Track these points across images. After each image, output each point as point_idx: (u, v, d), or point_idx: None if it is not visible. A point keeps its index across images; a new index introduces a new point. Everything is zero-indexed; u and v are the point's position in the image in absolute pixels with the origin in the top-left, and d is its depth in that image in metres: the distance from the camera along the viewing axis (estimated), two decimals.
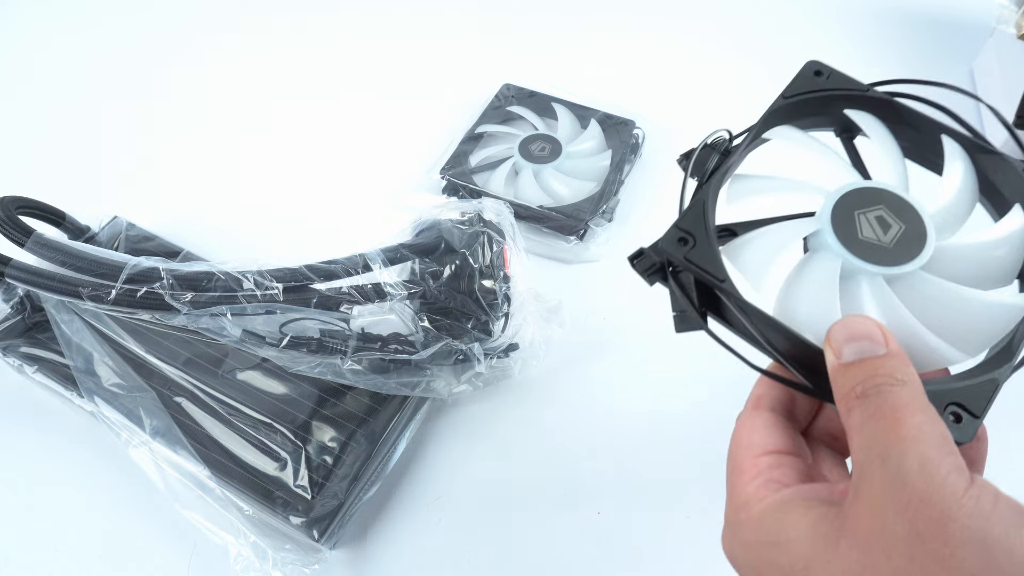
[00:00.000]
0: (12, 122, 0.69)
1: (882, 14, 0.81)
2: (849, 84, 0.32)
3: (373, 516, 0.44)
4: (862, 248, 0.27)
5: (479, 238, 0.45)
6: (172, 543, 0.42)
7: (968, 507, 0.19)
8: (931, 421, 0.21)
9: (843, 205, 0.28)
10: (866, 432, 0.21)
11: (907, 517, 0.20)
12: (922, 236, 0.27)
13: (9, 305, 0.48)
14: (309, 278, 0.42)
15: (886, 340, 0.23)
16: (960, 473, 0.20)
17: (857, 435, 0.22)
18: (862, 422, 0.22)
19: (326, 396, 0.45)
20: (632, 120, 0.64)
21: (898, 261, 0.26)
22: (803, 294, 0.27)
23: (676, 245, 0.28)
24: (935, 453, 0.20)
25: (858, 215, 0.28)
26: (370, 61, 0.75)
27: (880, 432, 0.21)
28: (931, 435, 0.21)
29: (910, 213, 0.27)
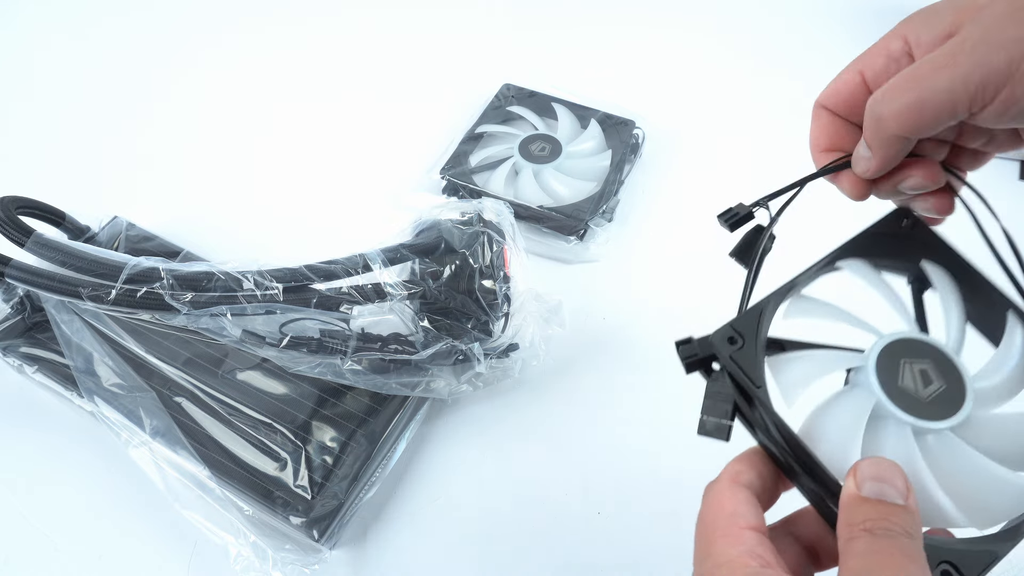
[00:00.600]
0: (12, 122, 0.69)
1: (882, 13, 0.81)
2: (933, 238, 0.32)
3: (373, 516, 0.44)
4: (898, 394, 0.27)
5: (479, 238, 0.45)
6: (172, 543, 0.42)
7: None
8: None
9: (892, 350, 0.28)
10: (867, 562, 0.22)
11: None
12: (960, 399, 0.27)
13: (9, 305, 0.48)
14: (309, 278, 0.42)
15: (908, 493, 0.24)
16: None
17: (855, 560, 0.23)
18: (865, 552, 0.23)
19: (326, 396, 0.45)
20: (632, 120, 0.64)
21: (931, 417, 0.27)
22: (831, 422, 0.28)
23: (725, 343, 0.28)
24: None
25: (903, 363, 0.28)
26: (370, 61, 0.75)
27: (880, 567, 0.22)
28: None
29: (954, 375, 0.28)
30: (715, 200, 0.33)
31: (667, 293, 0.55)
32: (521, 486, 0.45)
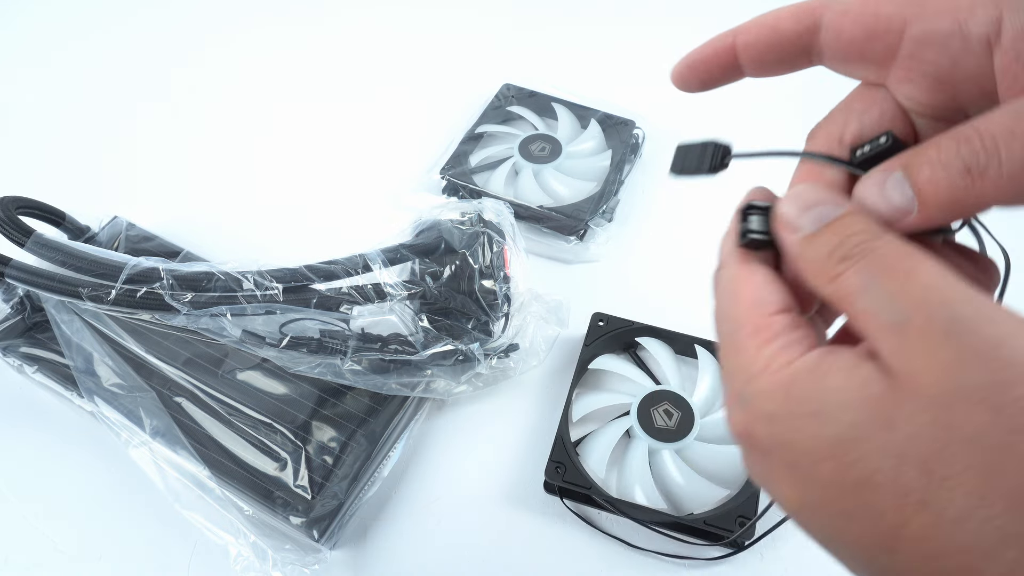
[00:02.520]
0: (12, 122, 0.69)
1: None
2: (622, 324, 0.50)
3: (373, 516, 0.44)
4: (658, 432, 0.45)
5: (479, 238, 0.45)
6: (172, 543, 0.42)
7: None
8: (936, 268, 0.19)
9: (643, 406, 0.46)
10: (877, 293, 0.19)
11: (989, 367, 0.17)
12: (692, 418, 0.45)
13: (9, 305, 0.48)
14: (309, 278, 0.42)
15: (841, 199, 0.21)
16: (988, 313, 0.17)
17: (864, 298, 0.19)
18: (864, 284, 0.19)
19: (326, 396, 0.45)
20: (632, 120, 0.64)
21: (680, 437, 0.45)
22: (631, 470, 0.44)
23: (555, 474, 0.43)
24: (971, 292, 0.18)
25: (653, 411, 0.46)
26: (370, 61, 0.75)
27: (898, 288, 0.18)
28: (951, 276, 0.18)
29: (684, 404, 0.46)
30: (715, 200, 0.33)
31: (667, 293, 0.55)
32: (521, 486, 0.45)
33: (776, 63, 0.24)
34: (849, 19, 0.22)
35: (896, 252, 0.19)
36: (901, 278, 0.18)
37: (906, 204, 0.20)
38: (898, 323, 0.18)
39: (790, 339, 0.20)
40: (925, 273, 0.18)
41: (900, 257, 0.19)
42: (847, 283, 0.19)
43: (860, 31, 0.22)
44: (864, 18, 0.22)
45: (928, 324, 0.18)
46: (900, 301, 0.18)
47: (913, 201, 0.20)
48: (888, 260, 0.19)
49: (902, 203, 0.20)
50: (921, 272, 0.18)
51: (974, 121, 0.19)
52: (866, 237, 0.20)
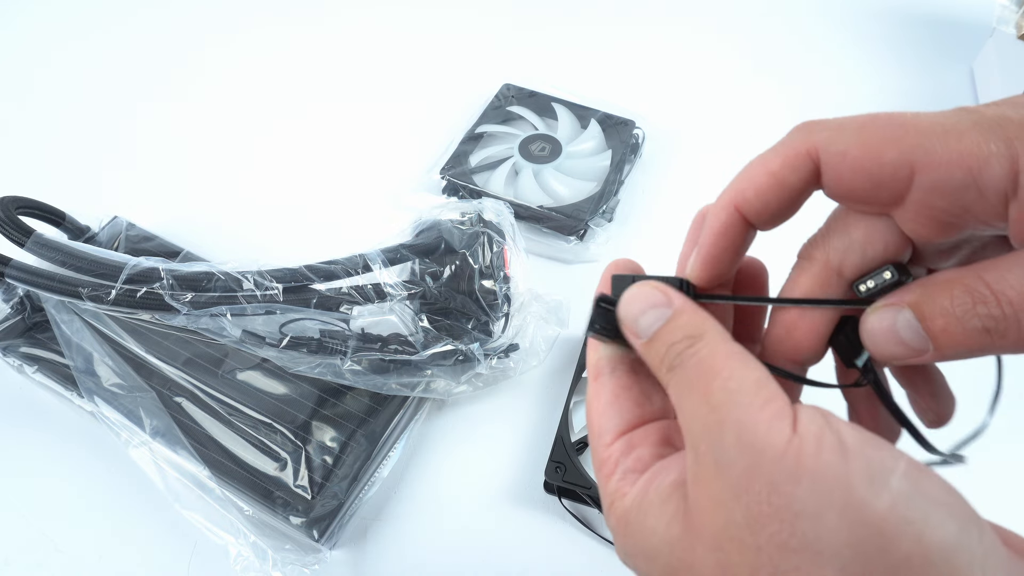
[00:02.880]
0: (12, 122, 0.69)
1: (882, 14, 0.81)
2: None
3: (373, 516, 0.44)
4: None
5: (479, 238, 0.45)
6: (172, 543, 0.42)
7: (789, 467, 0.17)
8: (737, 370, 0.19)
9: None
10: (684, 409, 0.20)
11: (742, 503, 0.18)
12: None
13: (9, 305, 0.48)
14: (309, 278, 0.42)
15: (669, 299, 0.22)
16: (779, 423, 0.18)
17: (679, 413, 0.20)
18: (678, 398, 0.20)
19: (326, 396, 0.45)
20: (632, 120, 0.64)
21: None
22: None
23: (555, 474, 0.43)
24: (748, 414, 0.18)
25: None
26: (370, 61, 0.75)
27: (694, 406, 0.19)
28: (741, 391, 0.19)
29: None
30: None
31: None
32: (521, 486, 0.45)
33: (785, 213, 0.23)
34: (848, 166, 0.21)
35: (703, 363, 0.20)
36: (699, 396, 0.20)
37: (920, 345, 0.20)
38: (693, 448, 0.19)
39: (626, 468, 0.22)
40: (719, 390, 0.19)
41: (706, 370, 0.20)
42: (671, 395, 0.21)
43: (863, 180, 0.21)
44: (866, 165, 0.20)
45: (707, 453, 0.19)
46: (695, 422, 0.19)
47: (927, 342, 0.20)
48: (695, 373, 0.20)
49: (917, 344, 0.20)
50: (716, 389, 0.19)
51: (986, 274, 0.19)
52: (684, 345, 0.20)
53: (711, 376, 0.19)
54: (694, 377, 0.20)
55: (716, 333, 0.21)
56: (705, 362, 0.20)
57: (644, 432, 0.23)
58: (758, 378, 0.19)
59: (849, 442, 0.18)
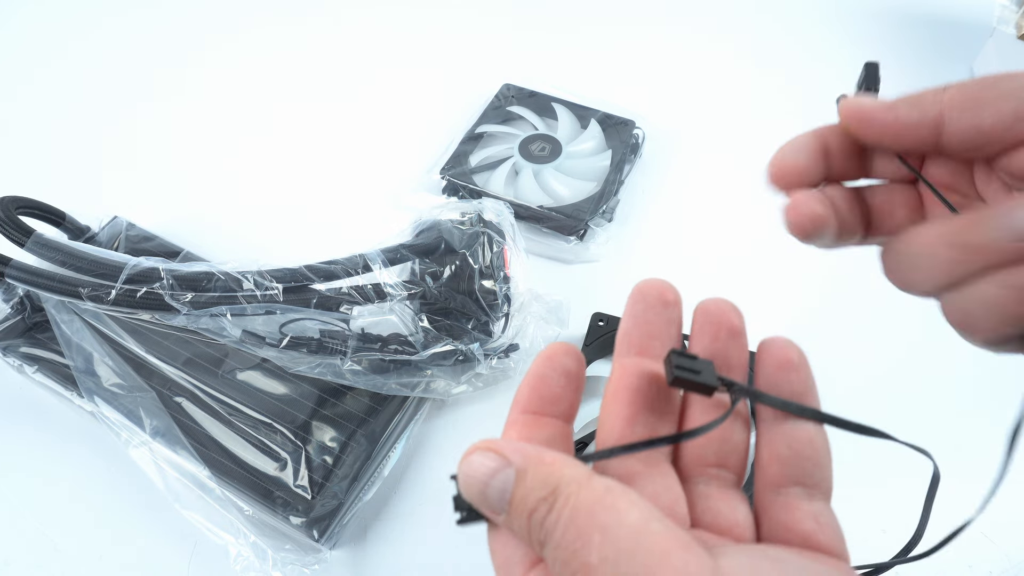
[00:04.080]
0: (12, 122, 0.69)
1: (882, 14, 0.81)
2: None
3: (373, 516, 0.44)
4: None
5: (479, 238, 0.45)
6: (172, 543, 0.42)
7: None
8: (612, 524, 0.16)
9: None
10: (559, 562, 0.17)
11: None
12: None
13: (9, 305, 0.48)
14: (309, 278, 0.42)
15: (505, 456, 0.18)
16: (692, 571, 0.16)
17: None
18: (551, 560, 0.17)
19: (326, 396, 0.45)
20: (632, 120, 0.64)
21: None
22: None
23: None
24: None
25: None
26: (370, 61, 0.75)
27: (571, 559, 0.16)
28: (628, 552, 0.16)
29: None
30: (715, 200, 0.33)
31: None
32: None
33: None
34: None
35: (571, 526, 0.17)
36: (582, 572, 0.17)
37: None
38: None
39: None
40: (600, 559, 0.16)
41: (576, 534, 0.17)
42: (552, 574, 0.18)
43: None
44: None
45: None
46: None
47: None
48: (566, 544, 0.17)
49: None
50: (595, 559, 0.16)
51: None
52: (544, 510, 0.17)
53: (584, 546, 0.16)
54: (568, 553, 0.16)
55: (573, 477, 0.17)
56: (571, 528, 0.16)
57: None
58: (638, 521, 0.16)
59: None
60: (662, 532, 0.16)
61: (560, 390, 0.21)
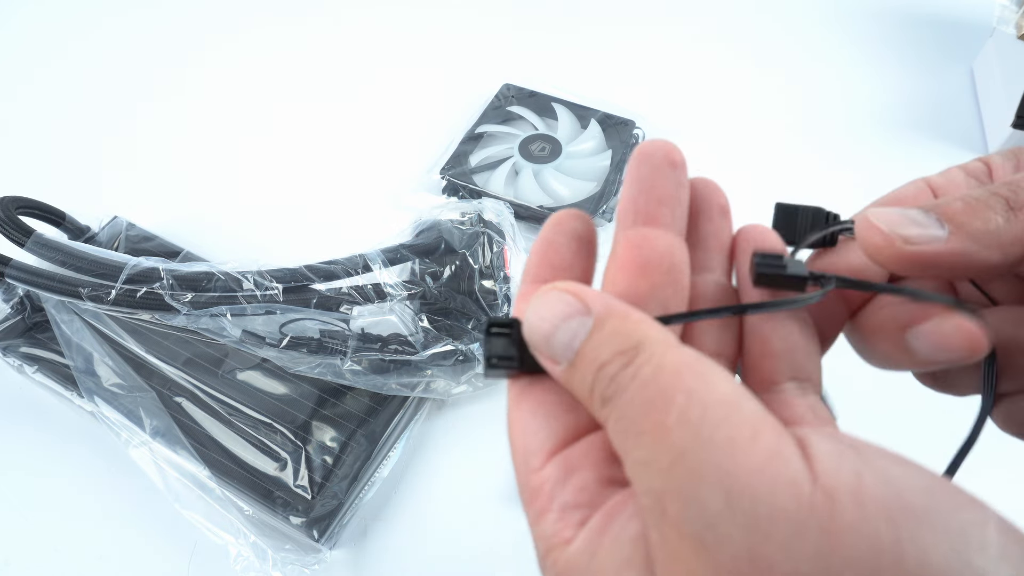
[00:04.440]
0: (12, 122, 0.69)
1: (882, 14, 0.81)
2: None
3: (373, 516, 0.44)
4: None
5: (479, 238, 0.45)
6: (172, 543, 0.42)
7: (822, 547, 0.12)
8: (698, 389, 0.14)
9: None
10: (635, 458, 0.15)
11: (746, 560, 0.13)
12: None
13: (9, 305, 0.48)
14: (309, 278, 0.42)
15: (585, 302, 0.16)
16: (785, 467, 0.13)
17: (627, 463, 0.15)
18: (623, 442, 0.15)
19: (326, 396, 0.45)
20: (632, 120, 0.64)
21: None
22: None
23: None
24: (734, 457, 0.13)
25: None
26: (370, 61, 0.75)
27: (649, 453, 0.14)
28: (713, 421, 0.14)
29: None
30: None
31: None
32: None
33: None
34: None
35: (648, 388, 0.15)
36: (653, 437, 0.14)
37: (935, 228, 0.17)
38: (653, 508, 0.14)
39: (564, 504, 0.16)
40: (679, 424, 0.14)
41: (654, 396, 0.15)
42: (613, 438, 0.15)
43: None
44: None
45: (682, 522, 0.13)
46: (654, 476, 0.14)
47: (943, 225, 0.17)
48: (640, 404, 0.15)
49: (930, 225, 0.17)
50: (674, 423, 0.14)
51: None
52: (618, 366, 0.15)
53: (664, 404, 0.14)
54: (640, 410, 0.15)
55: (659, 338, 0.15)
56: (651, 385, 0.15)
57: (584, 447, 0.17)
58: (729, 394, 0.14)
59: (909, 493, 0.13)
60: (755, 411, 0.14)
61: (572, 256, 0.20)
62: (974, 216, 0.17)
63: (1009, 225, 0.17)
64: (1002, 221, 0.17)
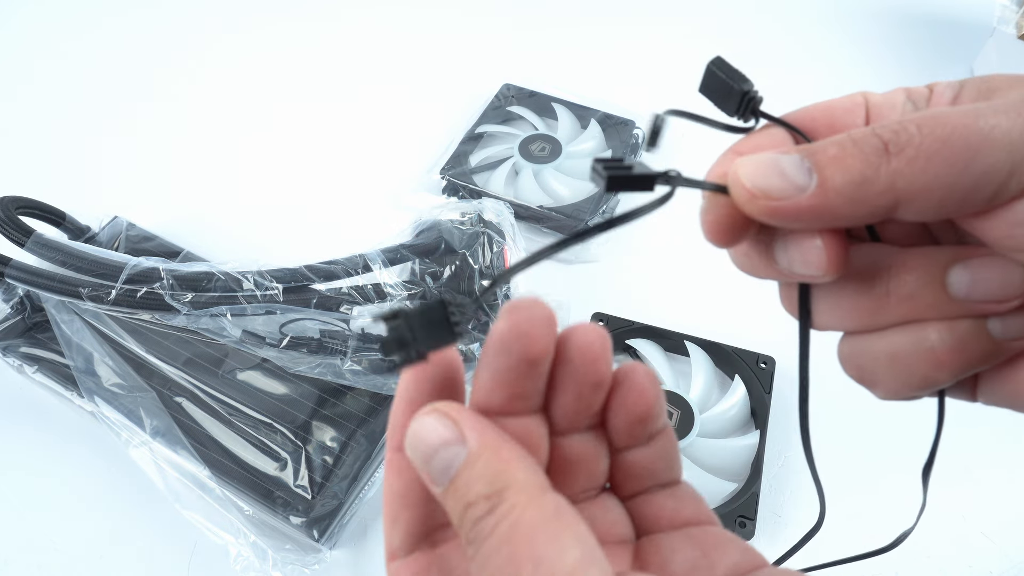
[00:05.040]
0: (12, 122, 0.69)
1: (882, 14, 0.81)
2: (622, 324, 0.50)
3: (373, 516, 0.44)
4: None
5: (479, 239, 0.45)
6: (172, 543, 0.42)
7: None
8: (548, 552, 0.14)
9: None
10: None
11: None
12: (692, 416, 0.45)
13: (9, 305, 0.48)
14: (309, 278, 0.42)
15: (461, 432, 0.16)
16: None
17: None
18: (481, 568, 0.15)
19: (326, 396, 0.45)
20: (632, 120, 0.64)
21: (683, 436, 0.44)
22: None
23: None
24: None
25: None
26: (370, 61, 0.75)
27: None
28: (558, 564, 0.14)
29: (682, 402, 0.46)
30: None
31: (667, 293, 0.55)
32: None
33: None
34: None
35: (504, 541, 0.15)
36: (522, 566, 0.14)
37: (804, 180, 0.17)
38: None
39: None
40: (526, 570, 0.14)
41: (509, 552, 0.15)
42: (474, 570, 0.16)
43: None
44: None
45: None
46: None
47: (811, 175, 0.16)
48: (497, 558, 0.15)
49: (799, 178, 0.17)
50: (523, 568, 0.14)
51: None
52: (483, 509, 0.15)
53: (515, 567, 0.14)
54: (493, 571, 0.15)
55: (524, 484, 0.15)
56: (504, 547, 0.15)
57: None
58: (578, 562, 0.14)
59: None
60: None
61: None
62: (842, 167, 0.16)
63: (877, 174, 0.16)
64: (871, 172, 0.16)
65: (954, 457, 0.46)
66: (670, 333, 0.50)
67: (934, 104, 0.20)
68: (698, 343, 0.49)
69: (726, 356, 0.48)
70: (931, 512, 0.42)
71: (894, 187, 0.16)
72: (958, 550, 0.42)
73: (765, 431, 0.45)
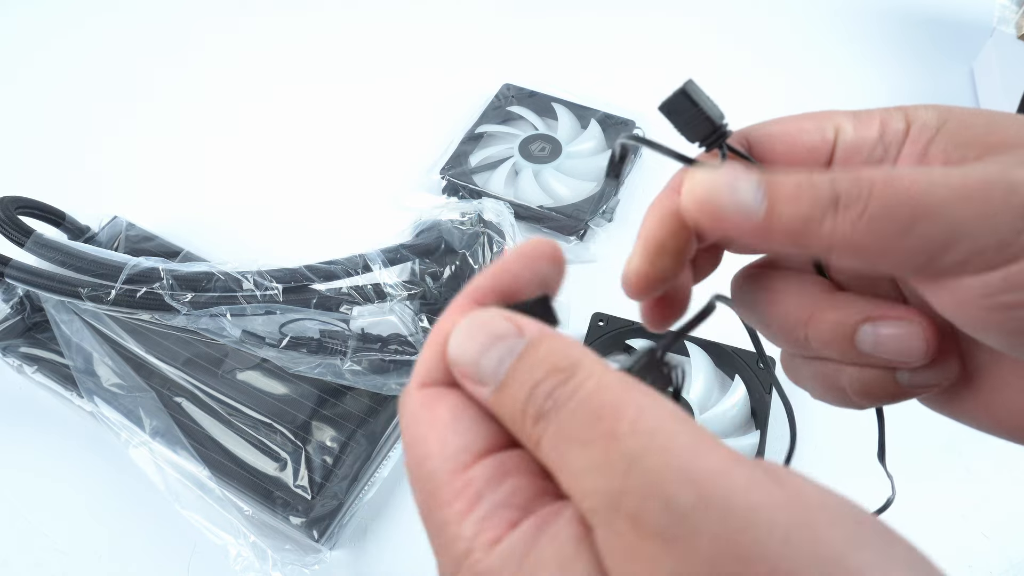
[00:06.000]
0: (12, 122, 0.69)
1: (882, 14, 0.81)
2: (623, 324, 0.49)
3: (373, 516, 0.44)
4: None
5: (479, 239, 0.45)
6: (172, 543, 0.42)
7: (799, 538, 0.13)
8: (647, 405, 0.14)
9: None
10: (576, 465, 0.14)
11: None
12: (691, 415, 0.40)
13: (9, 305, 0.48)
14: (309, 278, 0.42)
15: (518, 326, 0.16)
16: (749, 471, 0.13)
17: (566, 473, 0.15)
18: (561, 456, 0.15)
19: (326, 396, 0.45)
20: (632, 120, 0.64)
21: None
22: None
23: None
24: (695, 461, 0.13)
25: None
26: (370, 61, 0.75)
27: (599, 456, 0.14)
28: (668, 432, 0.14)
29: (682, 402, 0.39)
30: None
31: None
32: None
33: None
34: None
35: (592, 402, 0.15)
36: (603, 442, 0.14)
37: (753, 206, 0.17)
38: (606, 508, 0.14)
39: (494, 503, 0.15)
40: (631, 434, 0.14)
41: (598, 409, 0.14)
42: (546, 453, 0.15)
43: None
44: None
45: (639, 516, 0.13)
46: (604, 476, 0.14)
47: (762, 205, 0.17)
48: (583, 417, 0.15)
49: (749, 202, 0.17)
50: (625, 433, 0.14)
51: None
52: (554, 383, 0.15)
53: (614, 415, 0.14)
54: (585, 420, 0.14)
55: (596, 360, 0.15)
56: (594, 399, 0.14)
57: (517, 457, 0.16)
58: (677, 411, 0.14)
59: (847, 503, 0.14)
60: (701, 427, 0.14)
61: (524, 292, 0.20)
62: (792, 205, 0.17)
63: (820, 223, 0.17)
64: (815, 218, 0.17)
65: (954, 457, 0.46)
66: (670, 333, 0.50)
67: (906, 151, 0.20)
68: (698, 343, 0.49)
69: (726, 356, 0.48)
70: (931, 512, 0.43)
71: (832, 238, 0.17)
72: (958, 550, 0.42)
73: (765, 431, 0.45)
